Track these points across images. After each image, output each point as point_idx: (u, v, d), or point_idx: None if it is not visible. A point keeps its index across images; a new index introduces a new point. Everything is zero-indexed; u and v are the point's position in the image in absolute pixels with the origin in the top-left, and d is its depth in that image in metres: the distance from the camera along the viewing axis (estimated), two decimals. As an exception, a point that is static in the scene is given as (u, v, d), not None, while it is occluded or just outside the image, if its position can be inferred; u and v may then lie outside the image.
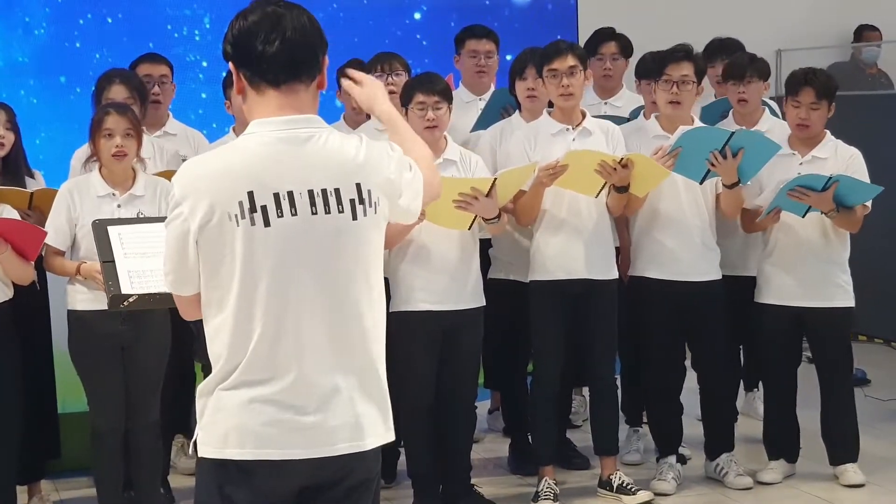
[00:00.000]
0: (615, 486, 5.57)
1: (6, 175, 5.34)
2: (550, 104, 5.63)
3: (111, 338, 5.01)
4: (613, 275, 5.57)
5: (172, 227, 2.79)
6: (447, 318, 5.28)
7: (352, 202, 2.80)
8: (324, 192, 2.78)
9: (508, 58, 6.38)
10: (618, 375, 5.94)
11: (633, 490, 5.54)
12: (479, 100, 6.40)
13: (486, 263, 5.83)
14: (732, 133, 5.40)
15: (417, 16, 7.77)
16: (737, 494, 5.64)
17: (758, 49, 6.59)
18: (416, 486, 5.47)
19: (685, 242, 5.58)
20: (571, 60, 5.40)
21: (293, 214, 2.76)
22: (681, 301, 5.60)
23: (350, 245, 2.81)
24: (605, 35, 6.80)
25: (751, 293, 5.77)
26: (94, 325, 4.99)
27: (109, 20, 7.01)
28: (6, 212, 5.02)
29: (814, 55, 9.88)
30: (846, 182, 5.40)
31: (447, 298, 5.28)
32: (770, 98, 6.33)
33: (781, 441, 5.82)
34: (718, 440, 5.82)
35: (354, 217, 2.81)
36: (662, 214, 5.59)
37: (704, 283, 5.62)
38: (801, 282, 5.59)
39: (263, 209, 2.74)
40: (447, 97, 5.30)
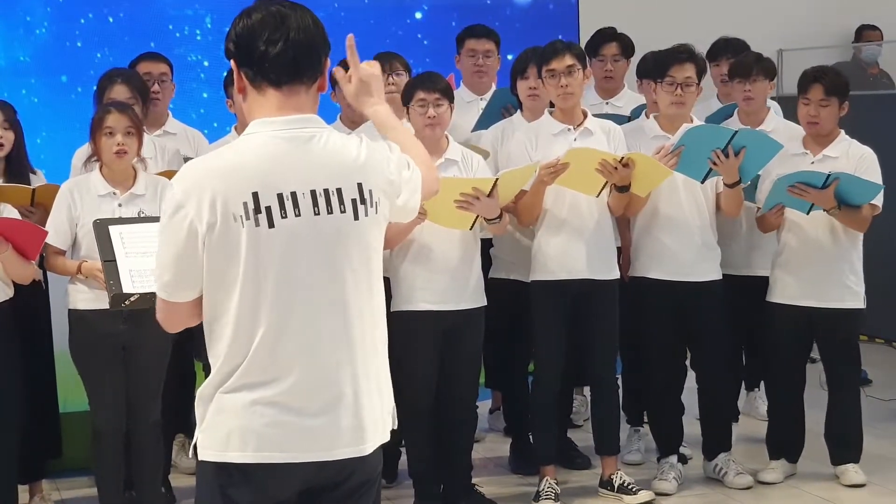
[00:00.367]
0: (616, 486, 5.57)
1: (9, 174, 5.34)
2: (552, 104, 5.63)
3: (112, 337, 5.01)
4: (615, 275, 5.56)
5: (175, 230, 2.74)
6: (448, 318, 5.28)
7: (353, 202, 2.80)
8: (326, 193, 2.77)
9: (510, 57, 6.38)
10: (619, 375, 5.94)
11: (635, 490, 5.54)
12: (480, 99, 6.40)
13: (487, 263, 5.83)
14: (735, 132, 5.40)
15: (418, 15, 7.78)
16: (738, 494, 5.64)
17: (759, 49, 6.59)
18: (417, 486, 5.47)
19: (685, 242, 5.58)
20: (569, 60, 5.40)
21: (297, 215, 2.75)
22: (681, 301, 5.60)
23: (352, 245, 2.81)
24: (607, 36, 6.80)
25: (754, 293, 5.76)
26: (95, 325, 4.99)
27: (111, 20, 7.02)
28: (7, 211, 5.02)
29: (815, 55, 9.89)
30: (847, 180, 5.38)
31: (448, 298, 5.28)
32: (771, 98, 6.32)
33: (785, 441, 5.81)
34: (716, 440, 5.81)
35: (356, 217, 2.80)
36: (662, 214, 5.59)
37: (705, 284, 5.61)
38: (810, 282, 5.58)
39: (268, 210, 2.73)
40: (448, 95, 5.30)
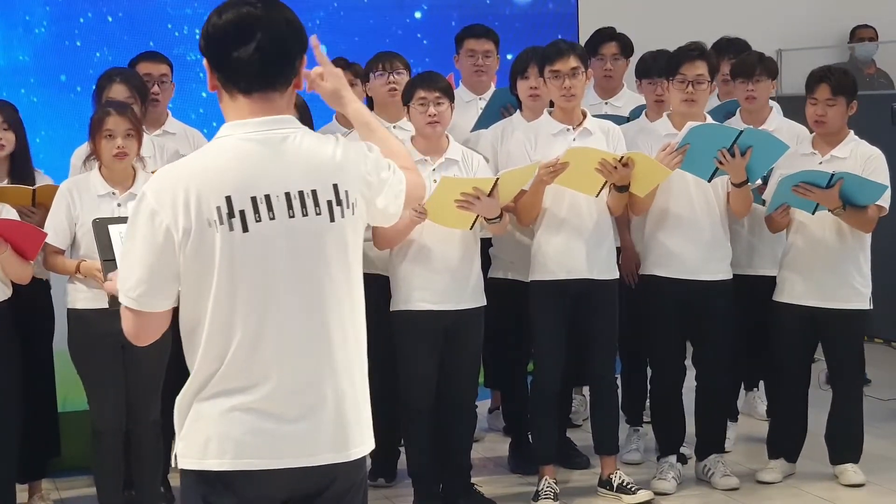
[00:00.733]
0: (615, 486, 5.57)
1: (13, 175, 5.34)
2: (551, 103, 5.63)
3: (111, 336, 4.96)
4: (614, 274, 5.56)
5: (152, 237, 2.68)
6: (448, 318, 5.28)
7: (329, 203, 2.74)
8: (301, 195, 2.72)
9: (509, 57, 6.38)
10: (618, 375, 5.94)
11: (634, 489, 5.54)
12: (479, 99, 6.39)
13: (487, 263, 5.83)
14: (741, 131, 5.38)
15: (418, 15, 7.78)
16: (737, 494, 5.64)
17: (758, 49, 6.59)
18: (417, 485, 5.47)
19: (695, 241, 5.57)
20: (574, 62, 5.39)
21: (271, 218, 2.70)
22: (689, 299, 5.59)
23: (329, 247, 2.75)
24: (606, 35, 6.79)
25: (754, 293, 5.76)
26: (95, 324, 4.98)
27: (110, 19, 7.01)
28: (5, 212, 5.02)
29: (814, 55, 9.89)
30: (852, 180, 5.37)
31: (448, 298, 5.28)
32: (770, 98, 6.32)
33: (785, 441, 5.81)
34: (709, 441, 5.81)
35: (332, 219, 2.75)
36: (672, 213, 5.58)
37: (713, 283, 5.60)
38: (816, 282, 5.57)
39: (241, 214, 2.68)
40: (449, 94, 5.30)
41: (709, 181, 5.50)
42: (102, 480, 5.18)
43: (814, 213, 5.49)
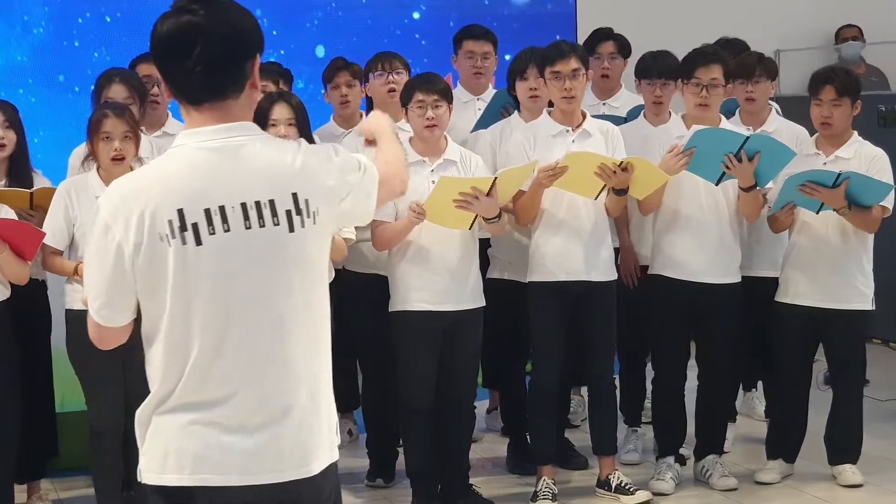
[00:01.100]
0: (613, 486, 5.57)
1: (12, 175, 5.34)
2: (550, 104, 5.62)
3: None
4: (612, 276, 5.56)
5: (104, 253, 2.64)
6: (447, 319, 5.28)
7: (288, 213, 2.66)
8: (257, 205, 2.63)
9: (507, 58, 6.38)
10: (616, 375, 5.94)
11: (632, 490, 5.54)
12: (478, 100, 6.39)
13: (485, 263, 5.83)
14: (747, 137, 5.37)
15: (416, 15, 7.77)
16: (735, 495, 5.64)
17: (756, 49, 6.60)
18: (415, 486, 5.47)
19: (703, 244, 5.56)
20: (575, 63, 5.39)
21: (226, 231, 2.62)
22: (697, 302, 5.59)
23: (288, 258, 2.67)
24: (603, 35, 6.79)
25: (753, 294, 5.75)
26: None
27: (108, 19, 7.00)
28: (3, 212, 5.02)
29: (813, 56, 9.89)
30: (858, 179, 5.36)
31: (447, 298, 5.28)
32: (770, 99, 6.32)
33: (785, 441, 5.81)
34: (708, 442, 5.80)
35: (291, 229, 2.66)
36: (682, 215, 5.57)
37: (721, 286, 5.59)
38: (818, 283, 5.56)
39: (194, 227, 2.60)
40: (447, 96, 5.30)
41: (717, 184, 5.49)
42: (101, 481, 5.17)
43: (818, 213, 5.49)
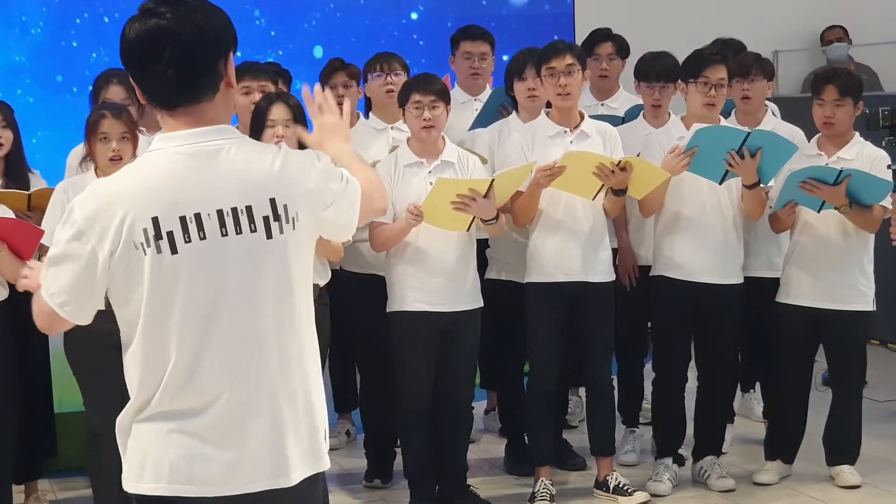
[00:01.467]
0: (611, 487, 5.56)
1: (8, 175, 5.33)
2: (549, 104, 5.62)
3: (107, 337, 4.89)
4: (610, 277, 5.56)
5: (75, 259, 2.60)
6: (444, 319, 5.28)
7: (265, 220, 2.61)
8: (234, 211, 2.59)
9: (505, 58, 6.37)
10: (614, 376, 5.94)
11: (630, 491, 5.54)
12: (475, 100, 6.40)
13: (483, 264, 5.83)
14: (749, 133, 5.38)
15: (414, 16, 7.78)
16: (733, 496, 5.63)
17: (754, 50, 6.60)
18: (412, 487, 5.46)
19: (706, 244, 5.55)
20: (569, 59, 5.39)
21: (202, 238, 2.57)
22: (699, 303, 5.59)
23: (267, 265, 2.62)
24: (602, 35, 6.80)
25: (751, 294, 5.74)
26: (91, 325, 4.95)
27: (106, 19, 7.01)
28: (1, 211, 5.01)
29: (811, 56, 9.90)
30: (858, 177, 5.35)
31: (444, 299, 5.28)
32: (767, 99, 6.32)
33: (783, 442, 5.80)
34: (707, 443, 5.80)
35: (269, 235, 2.61)
36: (684, 216, 5.57)
37: (723, 286, 5.59)
38: (820, 283, 5.56)
39: (170, 235, 2.56)
40: (444, 97, 5.29)
41: (720, 183, 5.49)
42: (98, 481, 5.16)
43: (819, 212, 5.48)
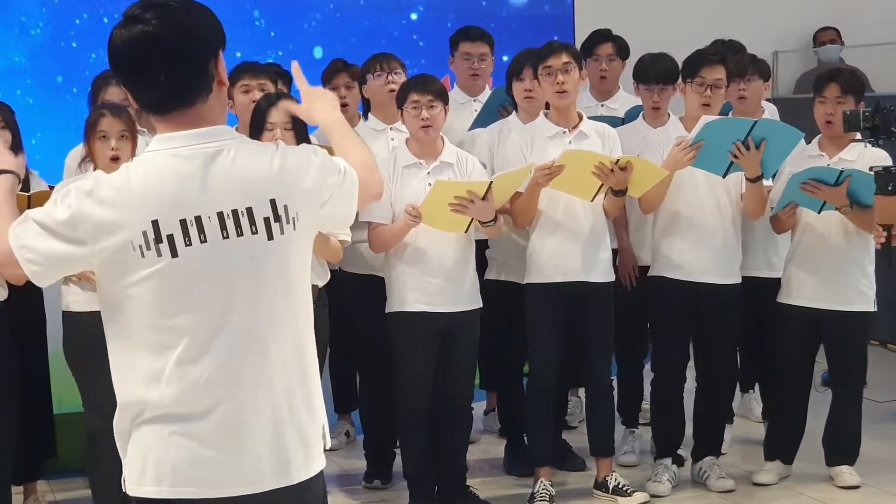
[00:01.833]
0: (611, 488, 5.56)
1: None
2: (548, 105, 5.62)
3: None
4: (610, 277, 5.56)
5: (61, 236, 2.56)
6: (444, 320, 5.28)
7: (266, 221, 2.60)
8: (235, 214, 2.57)
9: (505, 59, 6.38)
10: (613, 377, 5.94)
11: (629, 491, 5.54)
12: (474, 101, 6.40)
13: (483, 264, 5.83)
14: (755, 122, 5.39)
15: (414, 16, 7.79)
16: (732, 496, 5.63)
17: (754, 50, 6.61)
18: (412, 487, 5.46)
19: (705, 244, 5.56)
20: (565, 57, 5.39)
21: (202, 241, 2.55)
22: (697, 303, 5.59)
23: (268, 267, 2.61)
24: (602, 36, 6.80)
25: (749, 295, 5.75)
26: (90, 326, 4.92)
27: (106, 20, 7.00)
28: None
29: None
30: (859, 178, 5.34)
31: (444, 300, 5.28)
32: (766, 100, 6.33)
33: (783, 442, 5.80)
34: (706, 443, 5.80)
35: (270, 237, 2.60)
36: (683, 216, 5.57)
37: (722, 286, 5.59)
38: (821, 283, 5.56)
39: (170, 238, 2.53)
40: (442, 97, 5.29)
41: (723, 176, 5.48)
42: (97, 482, 5.16)
43: (819, 213, 5.48)
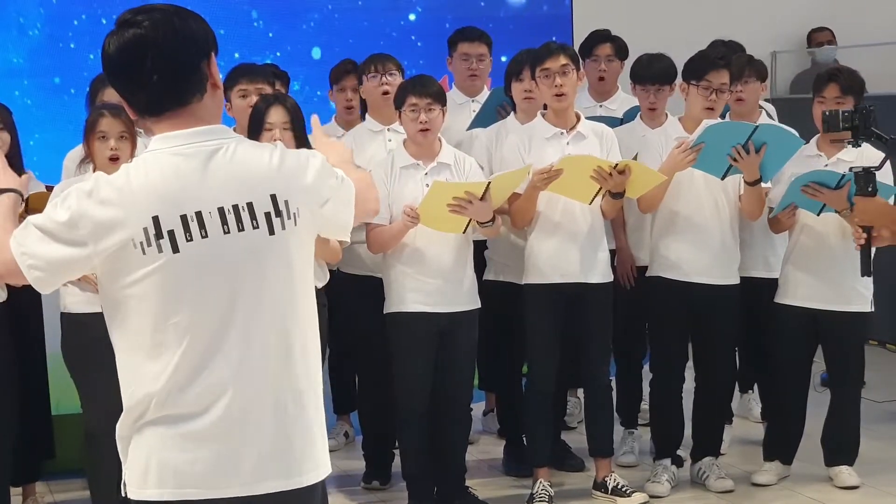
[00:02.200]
0: (610, 488, 5.56)
1: None
2: (546, 105, 5.62)
3: (105, 340, 4.93)
4: (608, 278, 5.55)
5: (62, 239, 2.54)
6: (442, 320, 5.28)
7: (267, 216, 2.59)
8: (235, 209, 2.57)
9: (503, 59, 6.38)
10: (612, 377, 5.93)
11: (629, 492, 5.53)
12: (472, 101, 6.39)
13: (481, 265, 5.83)
14: (756, 126, 5.38)
15: (412, 17, 7.79)
16: (732, 497, 5.63)
17: (753, 51, 6.61)
18: (411, 488, 5.46)
19: (703, 245, 5.56)
20: (563, 59, 5.39)
21: (203, 237, 2.55)
22: (695, 303, 5.59)
23: (270, 262, 2.60)
24: (600, 37, 6.80)
25: (748, 295, 5.75)
26: (89, 328, 4.96)
27: (104, 21, 7.00)
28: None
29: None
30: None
31: (442, 300, 5.27)
32: (765, 100, 6.32)
33: (782, 443, 5.80)
34: (705, 444, 5.79)
35: (272, 232, 2.60)
36: (682, 216, 5.57)
37: (720, 287, 5.59)
38: (819, 284, 5.55)
39: (171, 234, 2.53)
40: (440, 99, 5.28)
41: (722, 178, 5.48)
42: (96, 483, 5.16)
43: (819, 215, 5.48)
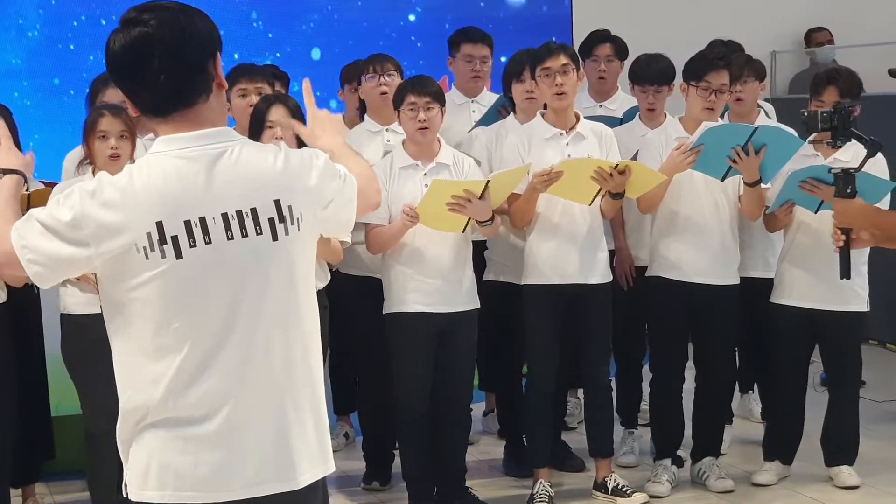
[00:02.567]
0: (610, 489, 5.56)
1: None
2: (545, 106, 5.62)
3: (105, 341, 4.94)
4: (607, 278, 5.55)
5: (64, 238, 2.53)
6: (441, 320, 5.27)
7: (271, 221, 2.59)
8: (239, 214, 2.56)
9: (503, 59, 6.38)
10: (612, 377, 5.93)
11: (629, 492, 5.53)
12: (472, 102, 6.39)
13: (481, 265, 5.83)
14: (756, 128, 5.39)
15: (412, 17, 7.78)
16: (732, 497, 5.63)
17: (752, 51, 6.61)
18: (411, 489, 5.46)
19: (703, 245, 5.56)
20: (563, 59, 5.39)
21: (207, 243, 2.54)
22: (695, 303, 5.59)
23: (273, 268, 2.60)
24: (600, 37, 6.80)
25: (747, 295, 5.75)
26: (88, 329, 4.96)
27: (103, 22, 7.00)
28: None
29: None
30: (860, 178, 5.33)
31: (441, 300, 5.27)
32: (765, 100, 6.32)
33: (781, 443, 5.80)
34: (706, 444, 5.80)
35: (275, 237, 2.60)
36: (682, 216, 5.57)
37: (720, 287, 5.59)
38: (815, 283, 5.55)
39: (174, 240, 2.53)
40: (439, 99, 5.29)
41: (722, 180, 5.48)
42: (95, 484, 5.16)
43: (816, 212, 5.48)
